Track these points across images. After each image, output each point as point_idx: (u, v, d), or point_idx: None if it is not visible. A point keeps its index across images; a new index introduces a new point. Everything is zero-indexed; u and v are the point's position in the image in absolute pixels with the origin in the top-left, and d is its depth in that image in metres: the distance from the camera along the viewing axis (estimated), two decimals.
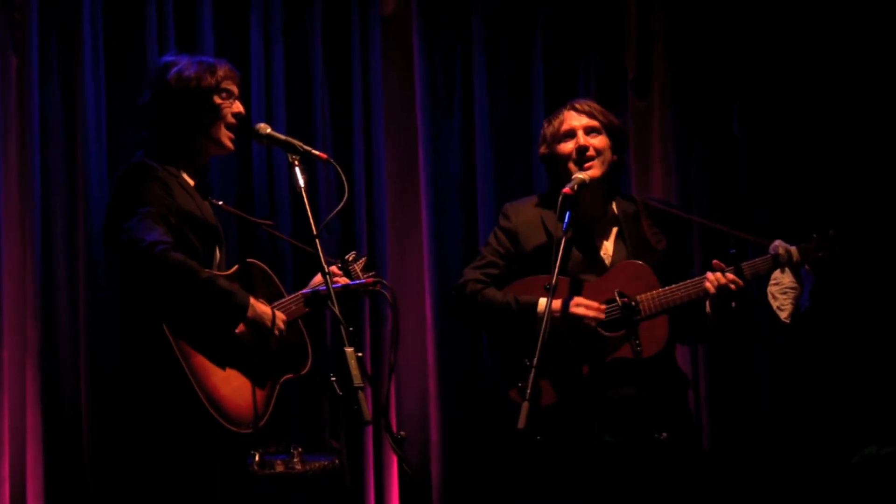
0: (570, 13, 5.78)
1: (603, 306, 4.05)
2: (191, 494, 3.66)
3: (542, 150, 4.28)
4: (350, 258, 4.04)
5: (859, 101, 5.54)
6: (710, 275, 4.03)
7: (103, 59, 5.35)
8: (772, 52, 5.66)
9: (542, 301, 4.06)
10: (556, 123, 4.24)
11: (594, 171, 4.13)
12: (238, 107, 3.90)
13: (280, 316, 3.76)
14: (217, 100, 3.85)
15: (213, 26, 5.45)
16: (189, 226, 3.74)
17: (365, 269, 4.06)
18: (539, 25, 5.75)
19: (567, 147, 4.18)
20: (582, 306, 4.02)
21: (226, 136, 3.89)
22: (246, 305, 3.67)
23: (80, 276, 5.25)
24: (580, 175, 4.07)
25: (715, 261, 4.05)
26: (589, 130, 4.19)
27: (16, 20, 5.28)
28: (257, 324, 3.70)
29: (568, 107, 4.25)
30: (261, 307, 3.72)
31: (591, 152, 4.16)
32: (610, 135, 4.20)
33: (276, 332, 3.74)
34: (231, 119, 3.88)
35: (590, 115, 4.21)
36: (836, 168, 5.54)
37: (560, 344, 3.96)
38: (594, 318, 4.02)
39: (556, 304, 3.99)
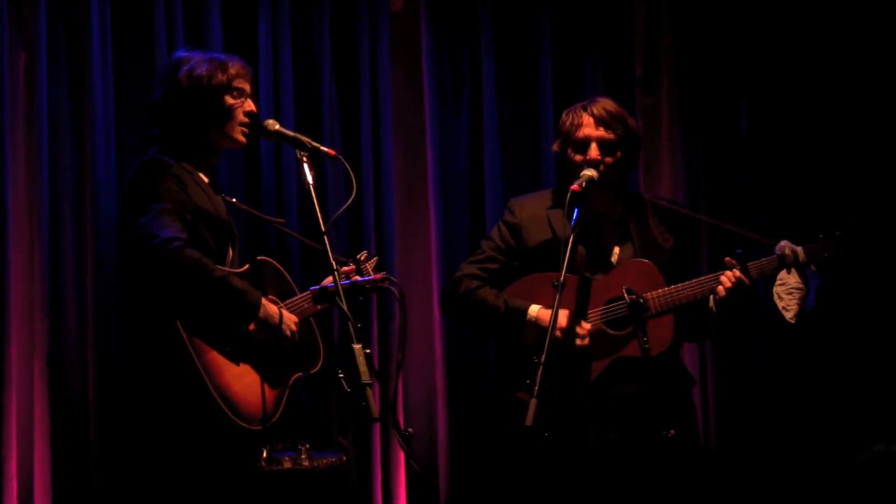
0: (578, 11, 5.78)
1: (588, 327, 4.05)
2: (200, 490, 3.66)
3: (555, 147, 4.25)
4: (362, 258, 4.03)
5: (865, 100, 5.54)
6: (726, 274, 4.02)
7: (111, 55, 5.34)
8: (779, 49, 5.66)
9: (532, 308, 4.08)
10: (573, 124, 4.16)
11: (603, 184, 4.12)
12: (250, 105, 3.88)
13: (289, 317, 3.76)
14: (229, 100, 3.83)
15: (222, 23, 5.45)
16: (203, 223, 3.73)
17: (376, 270, 4.05)
18: (547, 22, 5.75)
19: (579, 157, 4.13)
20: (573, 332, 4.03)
21: (238, 132, 3.87)
22: (257, 305, 3.66)
23: (87, 273, 5.25)
24: (589, 172, 4.04)
25: (728, 258, 4.04)
26: (603, 144, 4.12)
27: (24, 17, 5.28)
28: (268, 324, 3.70)
29: (587, 110, 4.15)
30: (271, 308, 3.72)
31: (602, 168, 4.11)
32: (624, 146, 4.15)
33: (289, 333, 3.74)
34: (243, 118, 3.87)
35: (607, 126, 4.12)
36: (843, 166, 5.54)
37: (561, 344, 3.96)
38: (581, 341, 4.02)
39: (546, 315, 3.98)
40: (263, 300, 3.70)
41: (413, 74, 5.69)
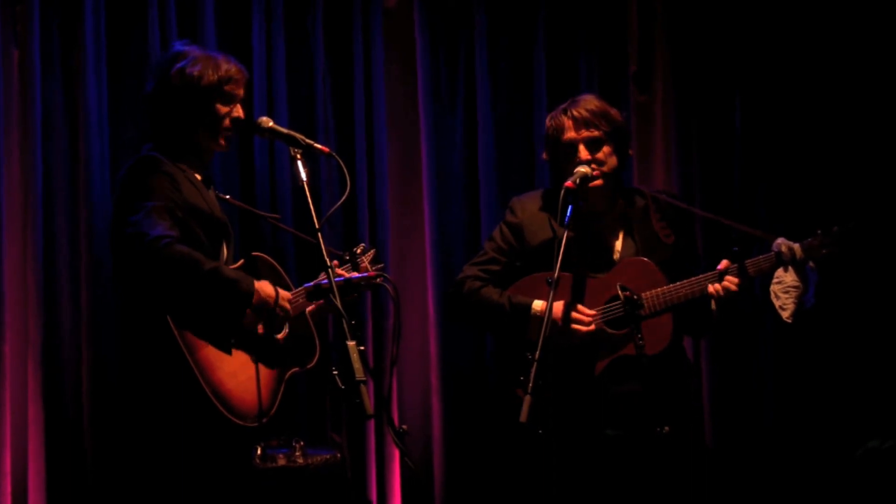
0: (573, 7, 5.77)
1: (592, 313, 4.04)
2: (194, 488, 3.65)
3: (545, 156, 4.25)
4: (358, 251, 4.04)
5: (860, 94, 5.54)
6: (715, 286, 4.01)
7: (105, 52, 5.34)
8: (774, 44, 5.65)
9: (537, 303, 4.08)
10: (557, 129, 4.17)
11: (598, 181, 4.10)
12: (238, 111, 3.85)
13: (284, 295, 3.75)
14: (217, 104, 3.80)
15: (215, 19, 5.44)
16: (196, 221, 3.72)
17: (373, 262, 4.06)
18: (541, 18, 5.73)
19: (569, 161, 4.12)
20: (576, 322, 4.02)
21: (221, 137, 3.85)
22: (251, 292, 3.65)
23: (81, 271, 5.25)
24: (582, 168, 4.04)
25: (724, 261, 4.03)
26: (590, 142, 4.12)
27: (17, 13, 5.28)
28: (263, 307, 3.69)
29: (567, 113, 4.15)
30: (265, 290, 3.70)
31: (593, 165, 4.11)
32: (612, 140, 4.15)
33: (280, 312, 3.73)
34: (227, 124, 3.84)
35: (588, 124, 4.12)
36: (839, 161, 5.53)
37: (562, 339, 3.95)
38: (587, 333, 4.02)
39: (555, 309, 3.97)
40: (256, 284, 3.68)
41: (407, 71, 5.68)
